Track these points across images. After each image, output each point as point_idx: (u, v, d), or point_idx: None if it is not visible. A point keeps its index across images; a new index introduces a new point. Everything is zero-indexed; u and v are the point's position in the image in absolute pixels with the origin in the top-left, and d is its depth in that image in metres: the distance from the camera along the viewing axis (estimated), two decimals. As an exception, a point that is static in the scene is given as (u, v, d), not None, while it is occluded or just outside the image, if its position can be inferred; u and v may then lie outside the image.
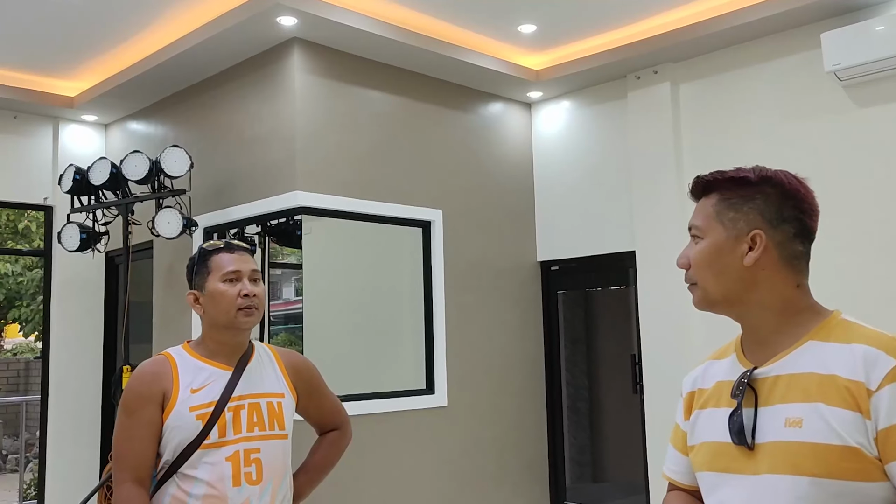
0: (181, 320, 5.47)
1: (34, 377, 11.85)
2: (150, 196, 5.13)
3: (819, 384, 1.22)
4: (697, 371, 1.47)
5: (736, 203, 1.35)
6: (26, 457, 9.72)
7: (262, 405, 1.97)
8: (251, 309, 1.97)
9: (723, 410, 1.32)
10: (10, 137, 6.06)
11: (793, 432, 1.21)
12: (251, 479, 1.89)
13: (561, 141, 6.00)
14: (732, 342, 1.43)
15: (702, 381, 1.44)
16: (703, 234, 1.37)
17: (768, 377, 1.28)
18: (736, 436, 1.27)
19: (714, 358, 1.46)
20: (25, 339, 12.06)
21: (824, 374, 1.22)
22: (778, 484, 1.21)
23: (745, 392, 1.28)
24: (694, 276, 1.37)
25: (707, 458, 1.33)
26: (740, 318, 1.36)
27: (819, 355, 1.25)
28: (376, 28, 4.81)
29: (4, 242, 10.46)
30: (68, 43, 5.18)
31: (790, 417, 1.22)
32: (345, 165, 4.98)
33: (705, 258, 1.35)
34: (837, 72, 4.43)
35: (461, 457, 5.43)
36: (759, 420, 1.26)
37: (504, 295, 5.86)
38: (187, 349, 2.02)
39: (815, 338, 1.28)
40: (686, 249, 1.40)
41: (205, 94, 5.50)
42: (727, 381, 1.35)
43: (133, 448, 1.87)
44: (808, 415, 1.21)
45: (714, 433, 1.33)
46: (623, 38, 5.27)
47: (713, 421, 1.34)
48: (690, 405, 1.44)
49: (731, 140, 5.06)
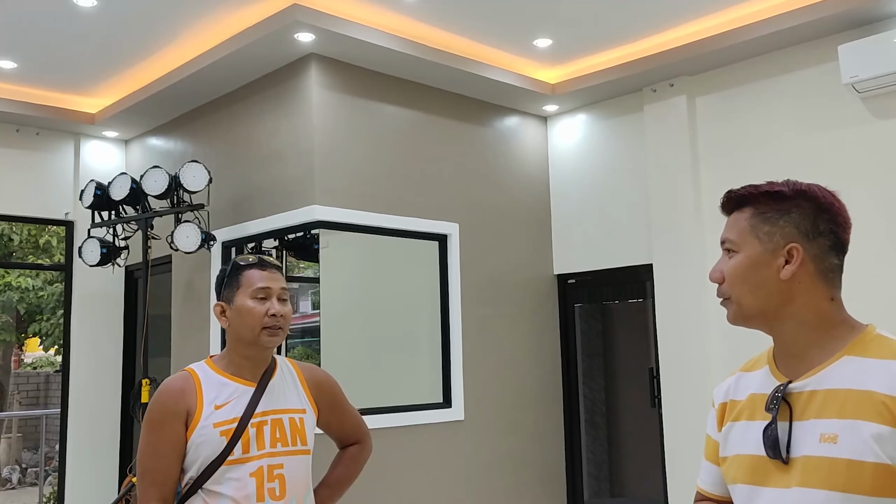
0: (200, 334, 5.50)
1: (54, 391, 11.94)
2: (170, 211, 5.18)
3: (856, 400, 1.22)
4: (729, 382, 1.47)
5: (771, 217, 1.35)
6: (46, 470, 9.79)
7: (284, 421, 1.98)
8: (276, 329, 1.98)
9: (757, 423, 1.32)
10: (33, 154, 6.14)
11: (828, 448, 1.21)
12: (275, 495, 1.89)
13: (577, 154, 6.01)
14: (764, 354, 1.43)
15: (734, 393, 1.43)
16: (738, 248, 1.35)
17: (803, 392, 1.28)
18: (771, 449, 1.27)
19: (745, 370, 1.46)
20: (45, 352, 12.16)
21: (861, 391, 1.23)
22: (811, 498, 1.21)
23: (780, 406, 1.29)
24: (728, 290, 1.35)
25: (742, 471, 1.33)
26: (775, 332, 1.35)
27: (856, 371, 1.25)
28: (393, 43, 4.85)
29: (26, 257, 10.58)
30: (90, 61, 5.25)
31: (825, 433, 1.23)
32: (362, 179, 5.01)
33: (741, 272, 1.34)
34: (855, 84, 4.41)
35: (478, 471, 5.41)
36: (794, 434, 1.26)
37: (521, 308, 5.86)
38: (210, 365, 2.03)
39: (850, 353, 1.28)
40: (719, 264, 1.38)
41: (223, 110, 5.56)
42: (761, 393, 1.35)
43: (159, 465, 1.89)
44: (843, 431, 1.21)
45: (748, 446, 1.33)
46: (639, 51, 5.28)
47: (747, 434, 1.34)
48: (723, 416, 1.44)
49: (747, 153, 5.04)
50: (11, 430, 11.33)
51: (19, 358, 12.95)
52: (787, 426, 1.27)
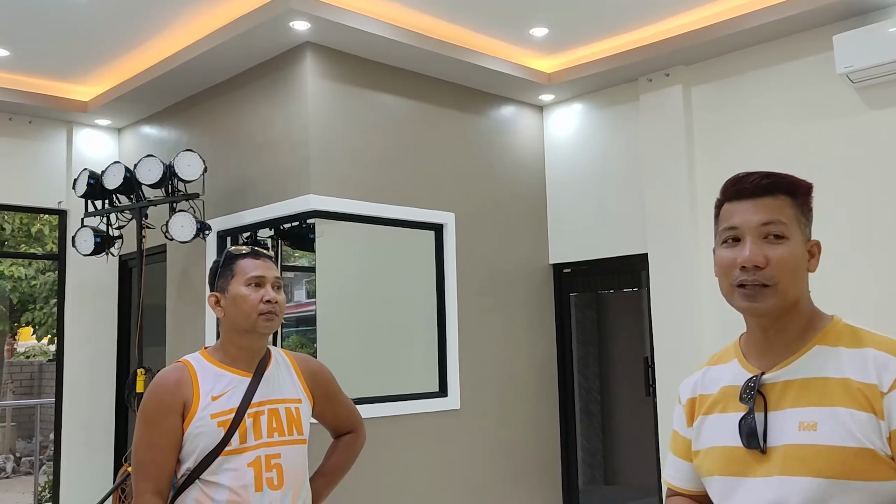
0: (194, 324, 5.50)
1: (47, 380, 11.93)
2: (164, 200, 5.16)
3: (833, 388, 1.25)
4: (696, 377, 1.47)
5: (804, 210, 1.36)
6: (40, 459, 9.78)
7: (280, 411, 1.99)
8: (272, 315, 1.98)
9: (731, 415, 1.34)
10: (25, 142, 6.11)
11: (808, 435, 1.24)
12: (273, 484, 1.90)
13: (573, 144, 6.00)
14: (730, 348, 1.44)
15: (702, 388, 1.44)
16: (789, 235, 1.31)
17: (777, 382, 1.31)
18: (747, 440, 1.29)
19: (711, 364, 1.47)
20: (38, 342, 12.14)
21: (838, 379, 1.26)
22: (795, 485, 1.23)
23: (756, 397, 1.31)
24: (778, 276, 1.29)
25: (719, 464, 1.34)
26: (779, 324, 1.34)
27: (829, 360, 1.28)
28: (389, 32, 4.83)
29: (18, 246, 10.54)
30: (82, 48, 5.22)
31: (804, 421, 1.25)
32: (357, 169, 5.00)
33: (794, 261, 1.31)
34: (849, 74, 4.42)
35: (473, 459, 5.44)
36: (770, 424, 1.28)
37: (516, 297, 5.87)
38: (205, 356, 2.03)
39: (821, 342, 1.31)
40: (759, 247, 1.30)
41: (218, 99, 5.54)
42: (733, 385, 1.36)
43: (154, 458, 1.89)
44: (823, 418, 1.24)
45: (723, 438, 1.34)
46: (635, 41, 5.27)
47: (722, 426, 1.35)
48: (692, 411, 1.44)
49: (743, 143, 5.05)
50: (5, 419, 11.32)
51: (12, 347, 12.92)
52: (762, 416, 1.29)
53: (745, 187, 1.34)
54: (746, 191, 1.34)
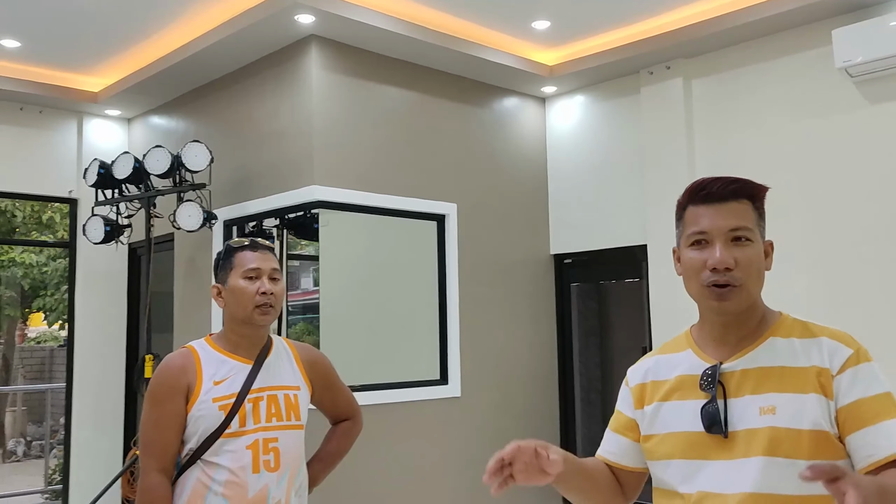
0: (201, 311, 5.60)
1: (58, 365, 12.10)
2: (172, 190, 5.26)
3: (790, 375, 1.35)
4: (647, 364, 1.56)
5: (762, 213, 1.45)
6: (51, 443, 9.95)
7: (279, 397, 2.08)
8: (267, 307, 2.07)
9: (691, 403, 1.42)
10: (36, 132, 6.21)
11: (768, 419, 1.33)
12: (269, 467, 2.00)
13: (574, 135, 6.06)
14: (681, 338, 1.53)
15: (654, 374, 1.52)
16: (753, 238, 1.41)
17: (735, 371, 1.39)
18: (709, 426, 1.37)
19: (663, 353, 1.55)
20: (49, 327, 12.30)
21: (795, 367, 1.36)
22: (755, 466, 1.32)
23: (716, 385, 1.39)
24: (743, 277, 1.38)
25: (679, 448, 1.42)
26: (740, 319, 1.43)
27: (783, 350, 1.38)
28: (392, 25, 4.89)
29: (29, 233, 10.67)
30: (92, 39, 5.30)
31: (764, 406, 1.34)
32: (361, 160, 5.08)
33: (756, 262, 1.40)
34: (848, 68, 4.46)
35: (474, 447, 5.53)
36: (730, 410, 1.37)
37: (517, 287, 5.95)
38: (210, 342, 2.12)
39: (774, 335, 1.41)
40: (728, 250, 1.39)
41: (224, 90, 5.62)
42: (690, 375, 1.44)
43: (159, 438, 1.99)
44: (781, 403, 1.33)
45: (684, 424, 1.42)
46: (636, 33, 5.31)
47: (681, 413, 1.43)
48: (642, 396, 1.52)
49: (742, 136, 5.10)
50: (16, 404, 11.49)
51: (23, 333, 13.08)
52: (722, 403, 1.37)
53: (713, 192, 1.42)
54: (714, 196, 1.42)
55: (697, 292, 1.43)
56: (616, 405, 1.62)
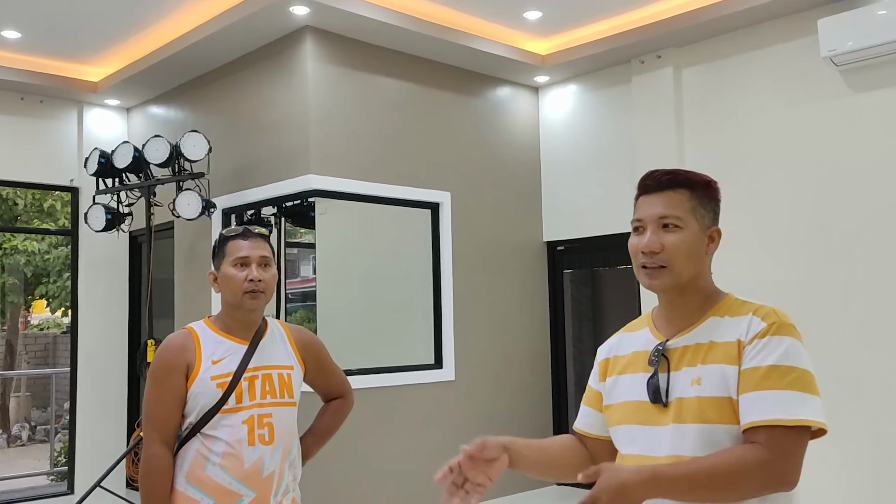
0: (201, 296, 5.72)
1: (61, 351, 12.25)
2: (171, 179, 5.36)
3: (717, 350, 1.48)
4: (612, 341, 1.71)
5: (704, 202, 1.57)
6: (55, 427, 10.09)
7: (273, 376, 2.20)
8: (256, 293, 2.18)
9: (640, 375, 1.56)
10: (37, 121, 6.31)
11: (695, 389, 1.47)
12: (264, 440, 2.13)
13: (567, 124, 6.16)
14: (644, 318, 1.68)
15: (616, 350, 1.68)
16: (683, 225, 1.53)
17: (678, 347, 1.53)
18: (652, 395, 1.52)
19: (627, 331, 1.70)
20: (52, 314, 12.43)
21: (720, 342, 1.49)
22: (683, 431, 1.46)
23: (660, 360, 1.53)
24: (668, 260, 1.52)
25: (626, 415, 1.57)
26: (680, 298, 1.57)
27: (717, 327, 1.51)
28: (386, 16, 4.98)
29: (30, 221, 10.78)
30: (92, 30, 5.39)
31: (693, 378, 1.48)
32: (357, 149, 5.18)
33: (686, 247, 1.53)
34: (833, 57, 4.54)
35: (468, 430, 5.65)
36: (672, 382, 1.51)
37: (511, 274, 6.06)
38: (208, 324, 2.25)
39: (714, 314, 1.54)
40: (657, 235, 1.53)
41: (222, 80, 5.71)
42: (643, 350, 1.59)
43: (160, 413, 2.13)
44: (706, 375, 1.47)
45: (633, 394, 1.57)
46: (627, 23, 5.40)
47: (632, 384, 1.58)
48: (606, 370, 1.68)
49: (731, 123, 5.20)
50: (20, 389, 11.64)
51: (26, 319, 13.21)
52: (665, 376, 1.51)
53: (650, 183, 1.57)
54: (650, 186, 1.57)
55: (636, 272, 1.57)
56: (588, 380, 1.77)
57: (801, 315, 1.46)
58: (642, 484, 1.34)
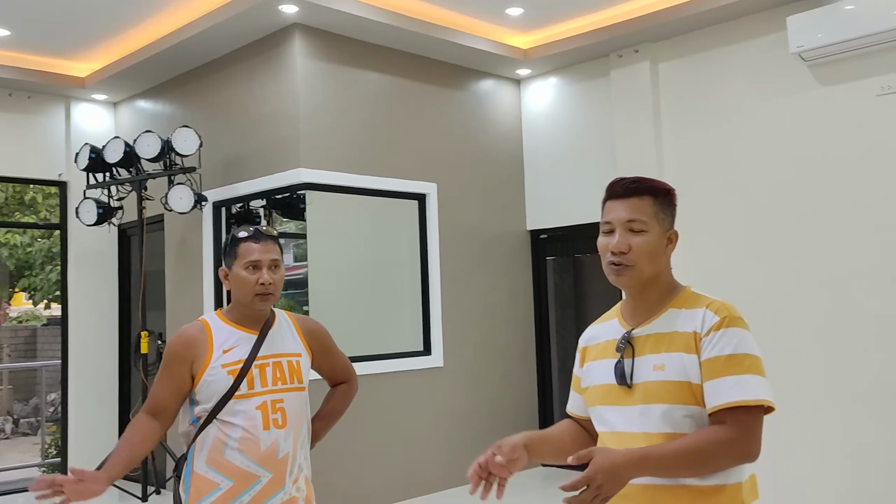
0: (193, 288, 5.83)
1: (42, 344, 12.24)
2: (163, 173, 5.46)
3: (677, 339, 1.69)
4: (589, 331, 1.93)
5: (664, 207, 1.78)
6: (38, 420, 10.12)
7: (283, 363, 2.35)
8: (266, 295, 2.33)
9: (609, 361, 1.77)
10: (25, 117, 6.36)
11: (658, 374, 1.68)
12: (278, 424, 2.28)
13: (549, 116, 6.33)
14: (614, 310, 1.89)
15: (591, 340, 1.89)
16: (647, 228, 1.73)
17: (641, 335, 1.74)
18: (619, 379, 1.73)
19: (599, 322, 1.92)
20: (35, 306, 12.42)
21: (679, 332, 1.69)
22: (649, 410, 1.67)
23: (626, 347, 1.74)
24: (635, 259, 1.72)
25: (598, 396, 1.79)
26: (643, 293, 1.77)
27: (676, 318, 1.72)
28: (372, 13, 5.10)
29: (11, 214, 10.77)
30: (80, 27, 5.46)
31: (656, 364, 1.69)
32: (345, 143, 5.31)
33: (650, 248, 1.73)
34: (801, 53, 4.74)
35: (456, 415, 5.84)
36: (636, 367, 1.71)
37: (496, 262, 6.24)
38: (220, 315, 2.39)
39: (673, 306, 1.75)
40: (624, 237, 1.73)
41: (211, 76, 5.80)
42: (612, 339, 1.80)
43: (159, 391, 2.32)
44: (668, 361, 1.68)
45: (603, 377, 1.78)
46: (606, 19, 5.57)
47: (602, 369, 1.79)
48: (584, 357, 1.90)
49: (705, 115, 5.39)
50: (2, 382, 11.63)
51: (5, 312, 13.17)
52: (630, 362, 1.72)
53: (617, 190, 1.77)
54: (618, 193, 1.77)
55: (605, 269, 1.77)
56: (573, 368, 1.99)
57: (775, 301, 1.63)
58: (632, 464, 1.53)
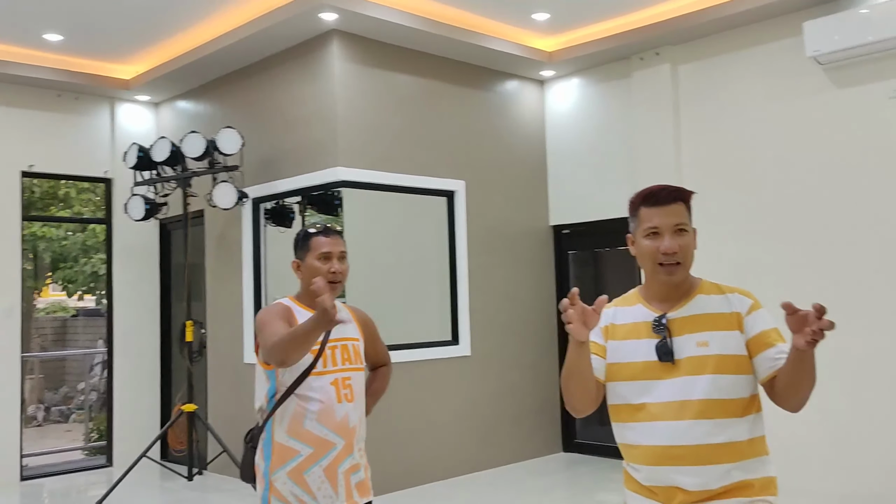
0: (233, 280, 6.13)
1: (71, 334, 12.63)
2: (207, 171, 5.76)
3: (716, 319, 1.98)
4: (609, 312, 2.12)
5: (690, 211, 2.06)
6: (69, 408, 10.48)
7: (349, 346, 2.65)
8: (336, 283, 2.61)
9: (645, 341, 2.01)
10: (72, 116, 6.68)
11: (703, 349, 1.96)
12: (348, 398, 2.57)
13: (571, 115, 6.58)
14: (631, 296, 2.12)
15: (613, 319, 2.10)
16: (687, 229, 2.02)
17: (676, 318, 2.01)
18: (664, 356, 1.98)
19: (618, 305, 2.13)
20: (69, 297, 12.79)
21: (717, 313, 1.99)
22: (693, 381, 1.95)
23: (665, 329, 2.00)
24: (683, 257, 1.99)
25: (637, 372, 2.01)
26: (680, 284, 2.03)
27: (709, 302, 2.01)
28: (406, 19, 5.37)
29: (46, 208, 11.13)
30: (127, 32, 5.76)
31: (700, 341, 1.96)
32: (379, 143, 5.59)
33: (691, 247, 2.02)
34: (818, 57, 4.96)
35: (482, 401, 6.12)
36: (675, 346, 1.98)
37: (520, 256, 6.51)
38: (294, 301, 2.68)
39: (700, 293, 2.04)
40: (672, 240, 1.98)
41: (252, 78, 6.09)
42: (641, 321, 2.04)
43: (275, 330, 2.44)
44: (711, 338, 1.96)
45: (640, 355, 2.01)
46: (628, 23, 5.81)
47: (637, 348, 2.02)
48: (607, 333, 2.09)
49: (723, 117, 5.63)
50: (34, 371, 12.00)
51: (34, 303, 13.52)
52: (670, 341, 1.99)
53: (660, 198, 2.02)
54: (661, 201, 2.02)
55: (651, 269, 2.01)
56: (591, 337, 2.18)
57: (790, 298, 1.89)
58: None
